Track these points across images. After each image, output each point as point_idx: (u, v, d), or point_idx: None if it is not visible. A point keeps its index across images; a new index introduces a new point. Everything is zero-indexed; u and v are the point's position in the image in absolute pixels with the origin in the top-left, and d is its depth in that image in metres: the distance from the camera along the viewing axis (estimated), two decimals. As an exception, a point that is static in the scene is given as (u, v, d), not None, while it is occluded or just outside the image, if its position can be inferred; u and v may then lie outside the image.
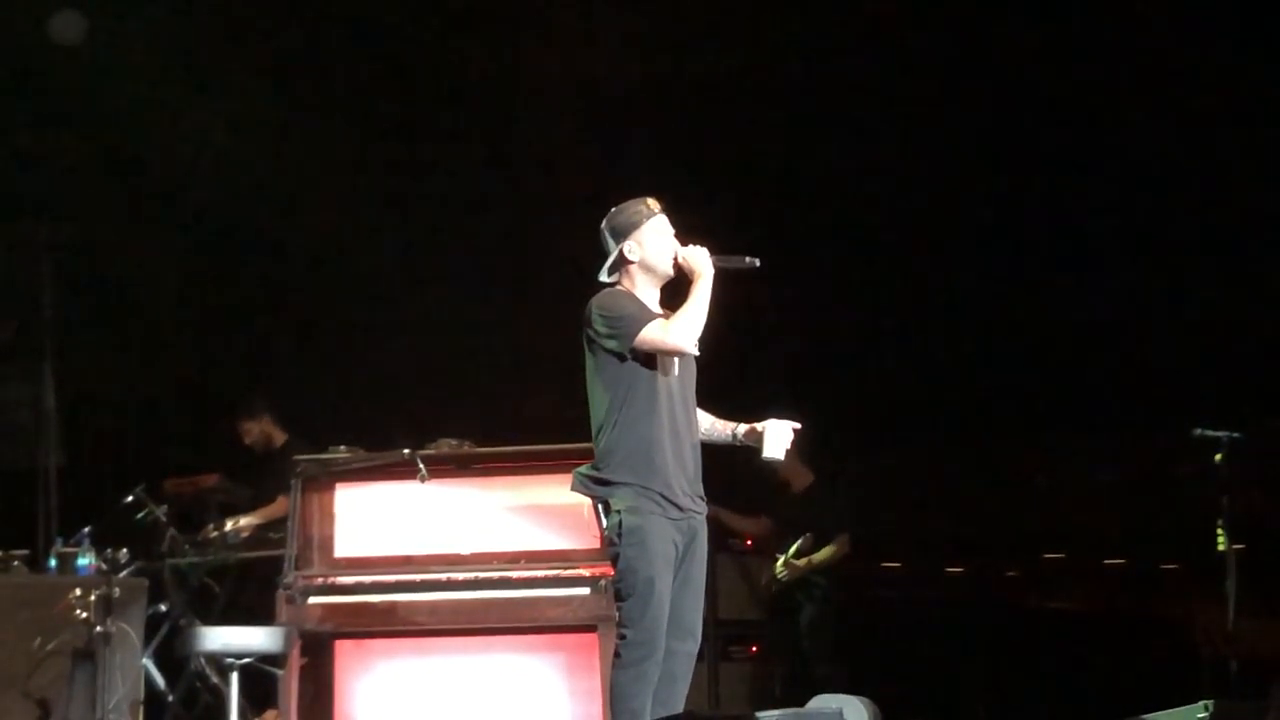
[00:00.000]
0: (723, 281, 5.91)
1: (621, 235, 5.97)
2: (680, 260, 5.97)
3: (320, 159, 10.65)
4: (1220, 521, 7.59)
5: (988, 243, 10.99)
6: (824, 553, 9.66)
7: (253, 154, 10.42)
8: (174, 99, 10.20)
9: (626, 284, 6.02)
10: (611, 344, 5.85)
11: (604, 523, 5.90)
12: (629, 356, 5.84)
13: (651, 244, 5.99)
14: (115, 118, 10.28)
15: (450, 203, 10.87)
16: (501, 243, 10.89)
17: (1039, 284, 10.89)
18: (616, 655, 5.84)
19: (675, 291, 6.02)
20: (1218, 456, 7.64)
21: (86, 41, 9.94)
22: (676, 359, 5.93)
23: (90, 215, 10.20)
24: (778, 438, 6.07)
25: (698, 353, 5.91)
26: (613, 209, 6.03)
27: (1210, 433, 7.68)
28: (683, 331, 5.84)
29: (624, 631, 5.80)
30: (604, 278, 6.05)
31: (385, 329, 10.98)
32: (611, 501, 5.83)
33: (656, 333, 5.85)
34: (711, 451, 6.15)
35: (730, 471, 7.23)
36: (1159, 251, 10.60)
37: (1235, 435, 7.68)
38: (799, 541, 9.61)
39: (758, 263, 6.02)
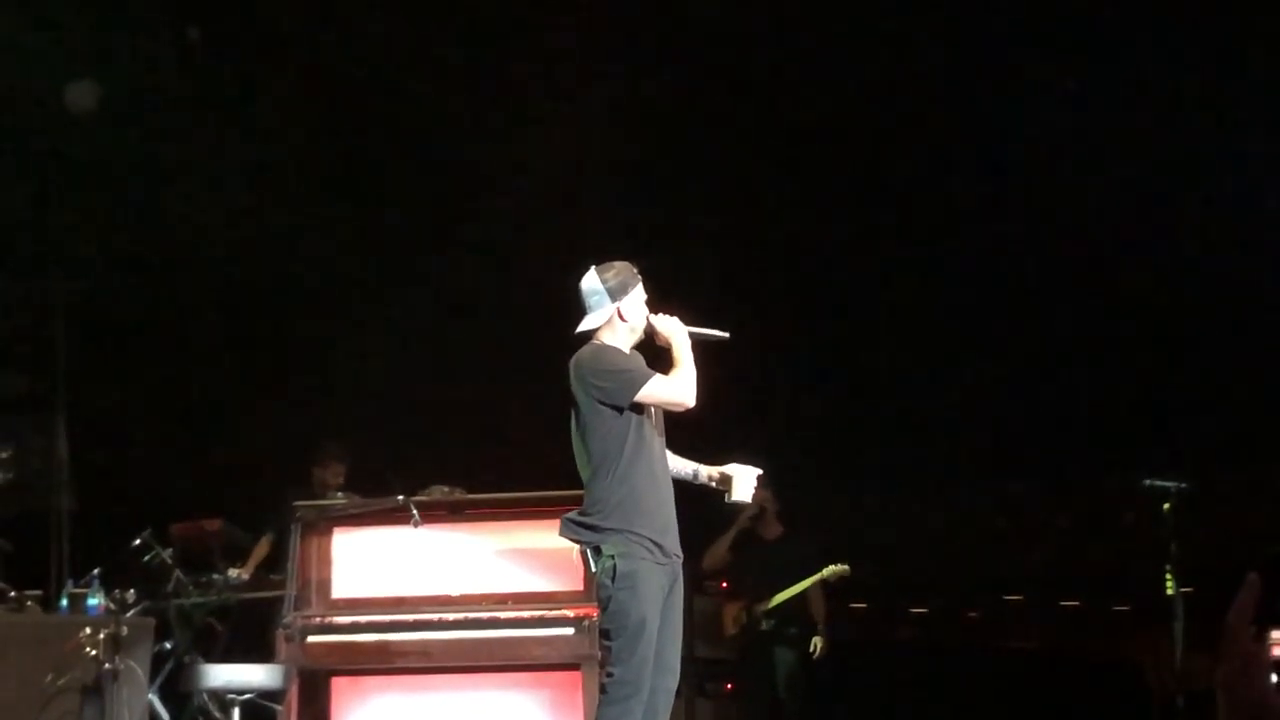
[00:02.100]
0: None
1: (618, 295, 6.01)
2: (653, 326, 6.03)
3: (320, 216, 10.70)
4: (1168, 566, 7.62)
5: (948, 298, 11.03)
6: (819, 608, 9.72)
7: (254, 213, 10.46)
8: (180, 162, 10.23)
9: (609, 339, 6.05)
10: (612, 397, 5.88)
11: (593, 567, 5.91)
12: (626, 408, 5.88)
13: (638, 306, 6.06)
14: (122, 181, 10.33)
15: (438, 264, 10.91)
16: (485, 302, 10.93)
17: (1004, 339, 10.93)
18: (603, 692, 5.85)
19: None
20: (1166, 505, 7.66)
21: (99, 108, 9.98)
22: (657, 412, 5.98)
23: (101, 272, 10.20)
24: (744, 482, 6.16)
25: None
26: (597, 266, 6.06)
27: (1159, 483, 7.72)
28: (686, 386, 5.92)
29: (611, 670, 5.81)
30: (586, 328, 6.08)
31: (380, 382, 11.00)
32: (603, 547, 5.85)
33: (662, 387, 5.91)
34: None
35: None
36: (1111, 311, 10.67)
37: (1183, 485, 7.72)
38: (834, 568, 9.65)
39: (727, 336, 6.11)
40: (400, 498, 7.96)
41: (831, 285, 11.16)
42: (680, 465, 6.22)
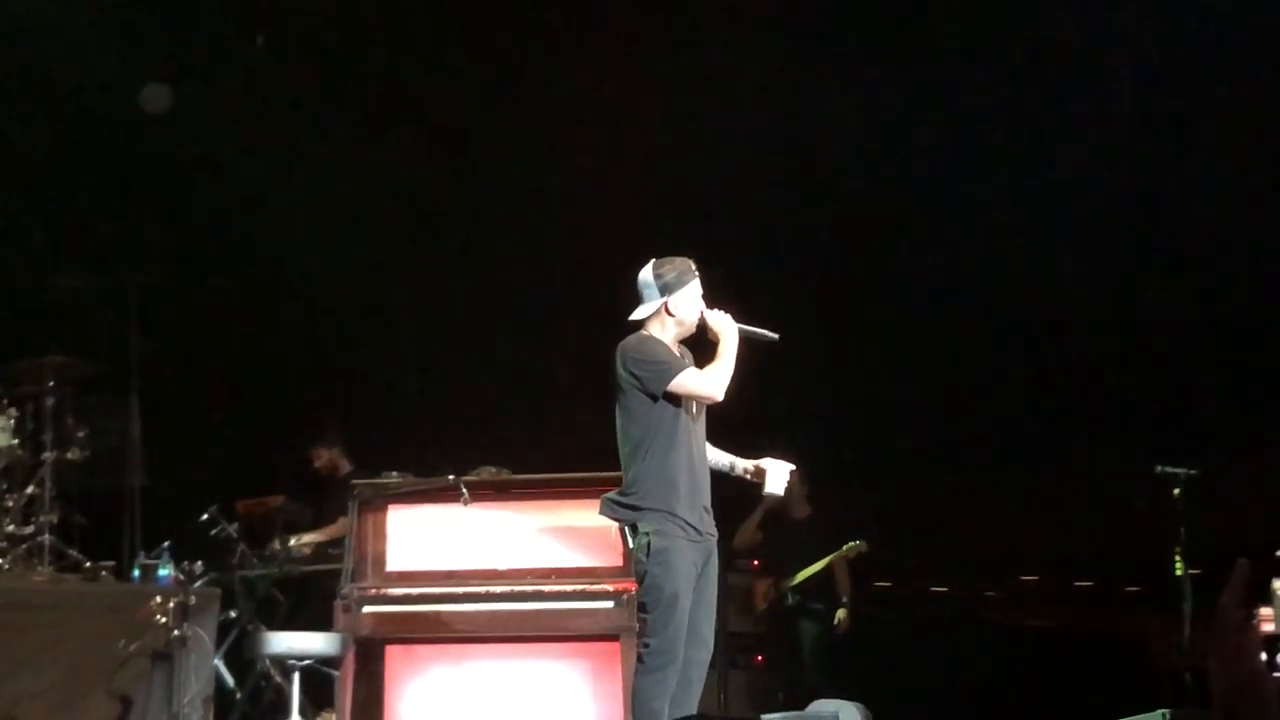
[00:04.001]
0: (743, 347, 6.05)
1: (671, 289, 6.05)
2: (706, 320, 6.07)
3: (375, 215, 10.75)
4: (1177, 549, 7.61)
5: (966, 292, 11.00)
6: (845, 584, 9.76)
7: (317, 209, 10.52)
8: (244, 164, 10.30)
9: (656, 330, 6.10)
10: (647, 385, 5.93)
11: (630, 544, 5.97)
12: (660, 397, 5.94)
13: (691, 302, 6.09)
14: (193, 179, 10.42)
15: (488, 260, 10.95)
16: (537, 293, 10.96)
17: (1025, 334, 10.90)
18: (639, 662, 5.91)
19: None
20: (1176, 491, 7.66)
21: (171, 111, 10.07)
22: (695, 402, 6.03)
23: (172, 264, 10.30)
24: (778, 476, 6.21)
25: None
26: (656, 260, 6.10)
27: (1170, 469, 7.71)
28: (717, 381, 5.96)
29: (647, 641, 5.88)
30: (636, 317, 6.13)
31: (432, 370, 11.06)
32: (639, 525, 5.91)
33: (693, 380, 5.96)
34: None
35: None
36: (1126, 308, 10.63)
37: (1192, 472, 7.71)
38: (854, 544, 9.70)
39: (776, 337, 6.14)
40: (451, 477, 8.01)
41: (852, 280, 11.13)
42: (718, 457, 6.27)
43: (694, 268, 6.12)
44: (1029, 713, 9.53)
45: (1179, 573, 7.64)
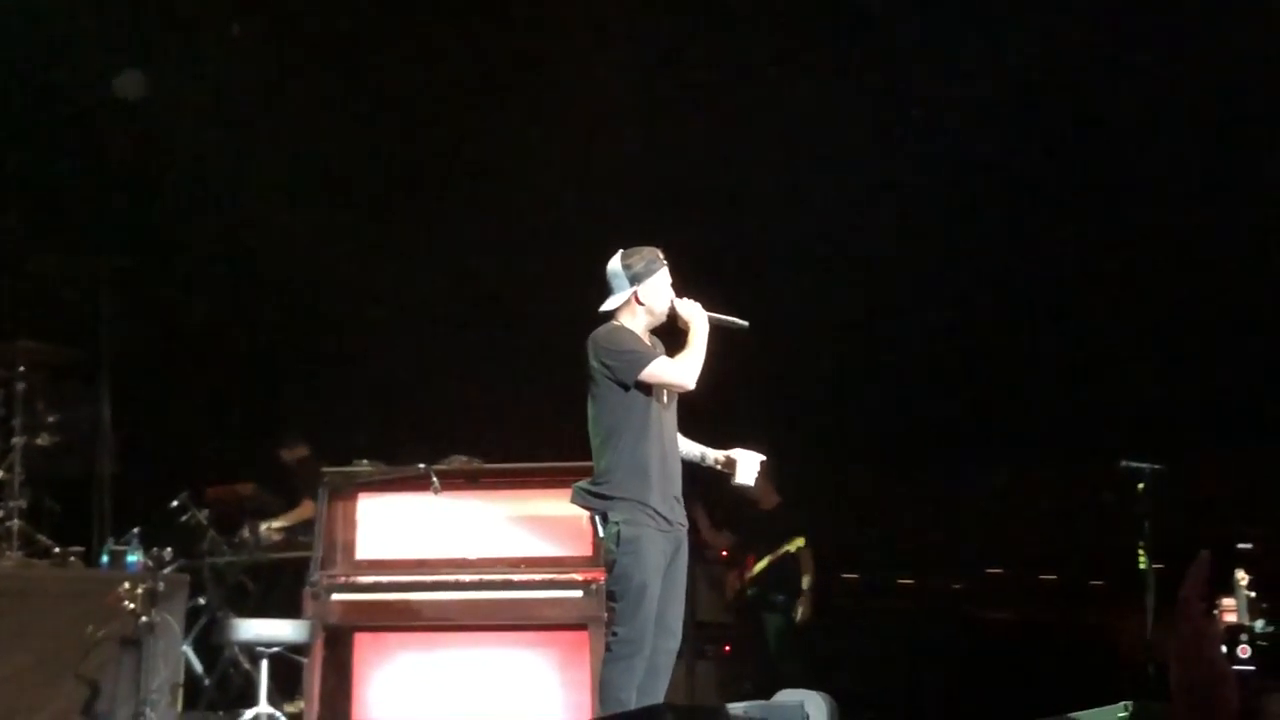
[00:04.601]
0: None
1: (640, 279, 6.04)
2: (677, 310, 6.06)
3: (342, 206, 10.70)
4: (1141, 543, 7.63)
5: (936, 292, 11.01)
6: (808, 576, 9.76)
7: (284, 200, 10.47)
8: (217, 150, 10.25)
9: (627, 320, 6.09)
10: (618, 375, 5.92)
11: (601, 533, 5.96)
12: (631, 387, 5.92)
13: (660, 291, 6.08)
14: (165, 168, 10.36)
15: (458, 252, 10.91)
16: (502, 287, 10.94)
17: (991, 329, 10.91)
18: (607, 650, 5.90)
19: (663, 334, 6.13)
20: (1140, 485, 7.67)
21: (145, 100, 10.01)
22: (666, 392, 6.02)
23: (143, 250, 10.24)
24: (748, 466, 6.20)
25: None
26: (624, 250, 6.09)
27: (1135, 464, 7.73)
28: (687, 369, 5.96)
29: (615, 630, 5.87)
30: (606, 309, 6.12)
31: (406, 358, 11.02)
32: (610, 514, 5.90)
33: (665, 369, 5.95)
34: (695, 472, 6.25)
35: (709, 490, 7.29)
36: (1091, 304, 10.66)
37: (1157, 467, 7.73)
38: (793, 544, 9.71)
39: (746, 325, 6.13)
40: (421, 466, 7.99)
41: (832, 271, 11.12)
42: (689, 448, 6.26)
43: (662, 256, 6.10)
44: (993, 703, 9.54)
45: (1143, 567, 7.66)
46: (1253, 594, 7.46)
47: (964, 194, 10.38)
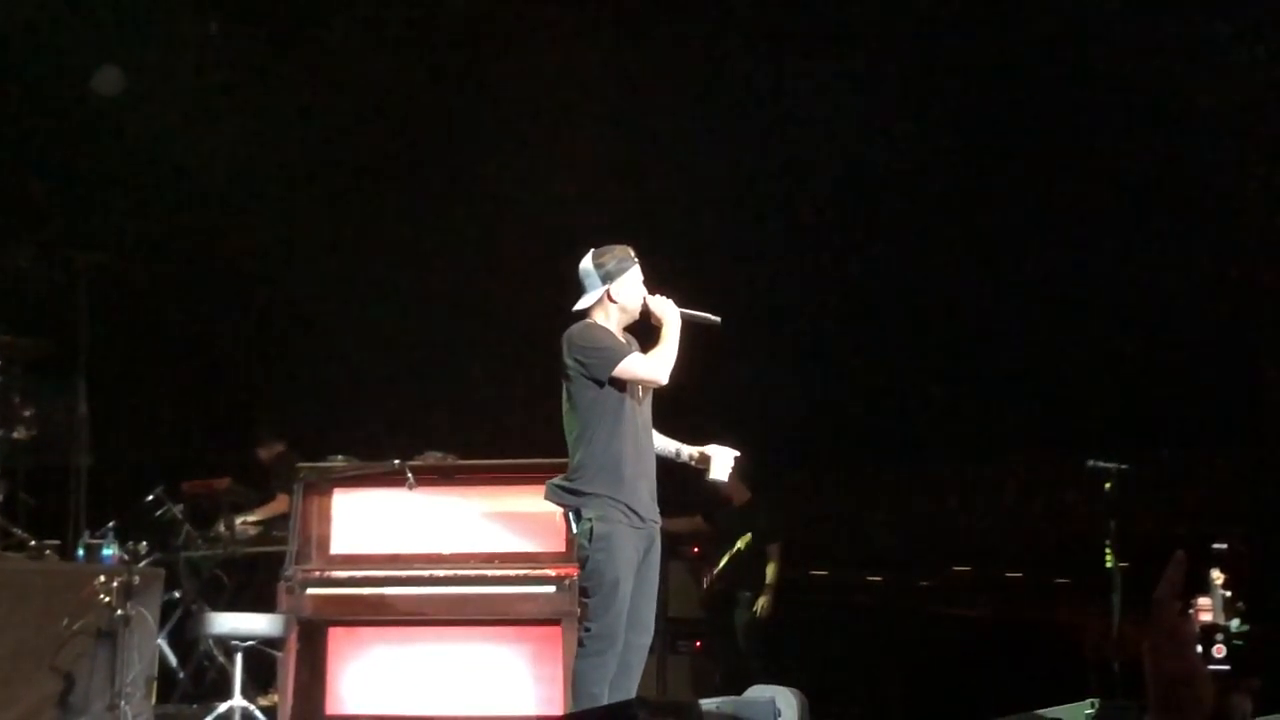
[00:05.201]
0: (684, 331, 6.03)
1: (612, 277, 6.05)
2: (649, 306, 6.07)
3: (318, 202, 10.67)
4: (1108, 542, 7.66)
5: (901, 289, 11.03)
6: (771, 571, 9.77)
7: (267, 195, 10.44)
8: (195, 147, 10.21)
9: (601, 318, 6.09)
10: (592, 371, 5.92)
11: (574, 529, 5.96)
12: (605, 383, 5.92)
13: (632, 288, 6.08)
14: (144, 161, 10.31)
15: (434, 248, 10.89)
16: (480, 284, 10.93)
17: (958, 329, 10.94)
18: (580, 646, 5.90)
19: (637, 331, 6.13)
20: (1107, 485, 7.70)
21: (122, 93, 9.96)
22: (640, 388, 6.02)
23: (120, 245, 10.19)
24: (722, 462, 6.20)
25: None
26: (595, 249, 6.10)
27: (1101, 464, 7.76)
28: (660, 365, 5.96)
29: (588, 625, 5.87)
30: (580, 307, 6.11)
31: (380, 354, 11.00)
32: (583, 510, 5.90)
33: (638, 365, 5.95)
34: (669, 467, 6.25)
35: (683, 485, 7.28)
36: (1060, 302, 10.69)
37: (1123, 466, 7.76)
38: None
39: (719, 320, 6.14)
40: (396, 461, 7.98)
41: (798, 272, 11.15)
42: (664, 444, 6.27)
43: (633, 254, 6.11)
44: (959, 699, 9.56)
45: (1109, 565, 7.69)
46: (1228, 593, 7.49)
47: (931, 186, 10.43)
